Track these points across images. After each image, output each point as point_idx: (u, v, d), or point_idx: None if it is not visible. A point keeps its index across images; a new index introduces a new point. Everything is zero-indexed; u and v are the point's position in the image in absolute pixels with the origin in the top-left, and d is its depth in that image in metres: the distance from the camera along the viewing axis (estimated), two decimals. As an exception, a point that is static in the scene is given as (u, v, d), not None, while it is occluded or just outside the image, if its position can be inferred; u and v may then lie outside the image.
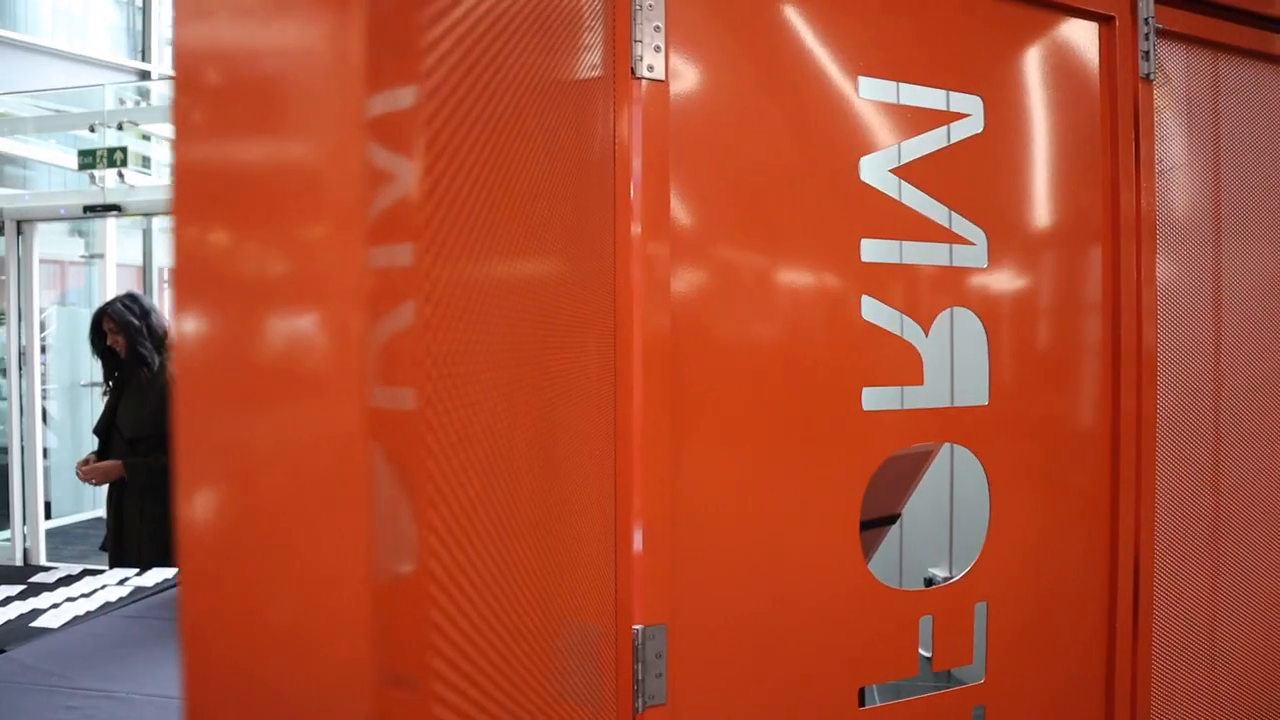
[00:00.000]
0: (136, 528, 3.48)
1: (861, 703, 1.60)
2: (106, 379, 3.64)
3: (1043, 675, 1.73)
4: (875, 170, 1.54)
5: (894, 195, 1.56)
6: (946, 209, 1.60)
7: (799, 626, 1.51)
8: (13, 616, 2.72)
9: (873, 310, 1.54)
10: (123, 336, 3.46)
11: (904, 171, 1.57)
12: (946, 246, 1.62)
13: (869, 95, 1.54)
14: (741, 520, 1.46)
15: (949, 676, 1.82)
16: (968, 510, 3.50)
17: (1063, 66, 1.73)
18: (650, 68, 1.35)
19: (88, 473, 3.46)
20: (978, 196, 1.65)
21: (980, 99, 1.64)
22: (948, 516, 3.72)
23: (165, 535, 3.43)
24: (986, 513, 1.68)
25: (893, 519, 2.30)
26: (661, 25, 1.35)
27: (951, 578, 1.77)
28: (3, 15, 9.40)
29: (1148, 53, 1.73)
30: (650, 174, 1.36)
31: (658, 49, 1.35)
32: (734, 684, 1.47)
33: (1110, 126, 1.73)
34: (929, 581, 3.54)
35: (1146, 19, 1.73)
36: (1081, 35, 1.74)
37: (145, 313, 3.51)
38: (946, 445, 2.20)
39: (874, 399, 1.54)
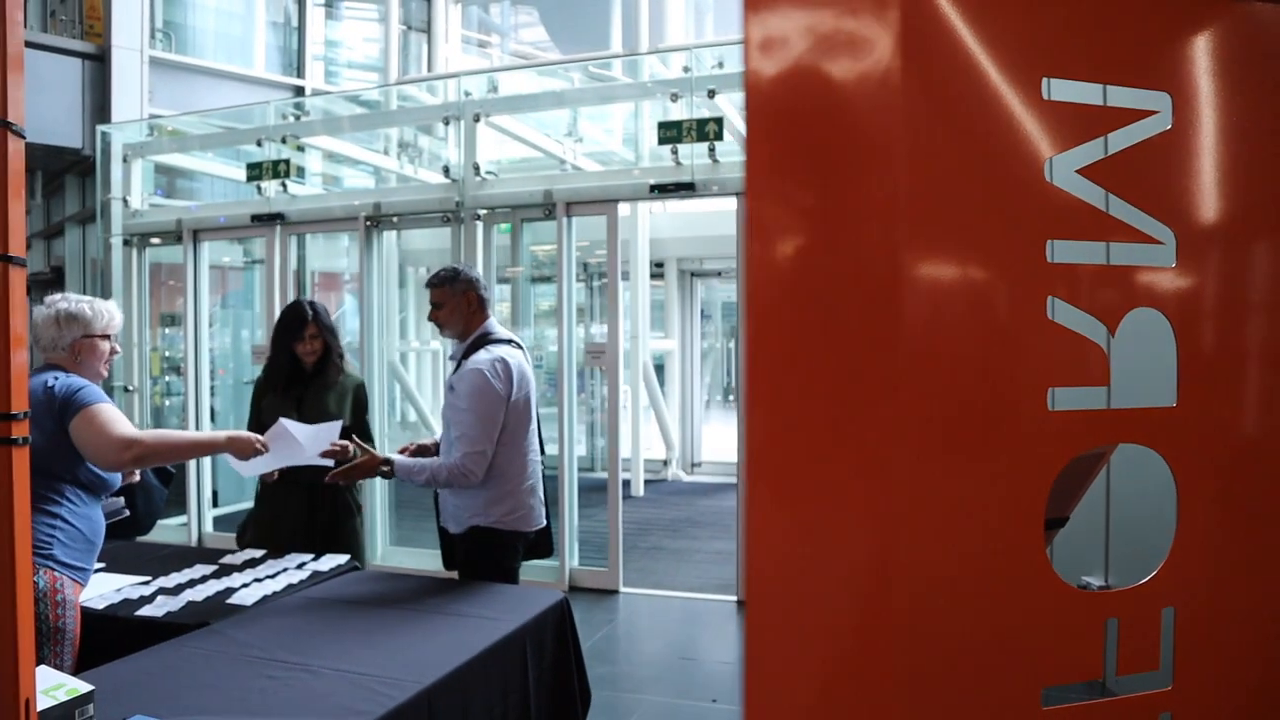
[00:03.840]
0: (294, 521, 3.70)
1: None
2: (273, 379, 3.70)
3: (1232, 684, 1.68)
4: (1061, 171, 1.54)
5: (1080, 195, 1.55)
6: (1133, 208, 1.58)
7: (984, 623, 1.52)
8: (211, 594, 2.97)
9: (1059, 311, 1.53)
10: (324, 339, 3.66)
11: (1089, 171, 1.56)
12: (1133, 246, 1.60)
13: (1054, 96, 1.54)
14: (933, 517, 1.49)
15: (1102, 687, 1.78)
16: (1127, 515, 3.38)
17: (1253, 57, 1.67)
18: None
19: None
20: (1165, 195, 1.61)
21: (1168, 95, 1.61)
22: (1103, 522, 3.60)
23: (291, 535, 3.66)
24: (1149, 517, 1.64)
25: (1062, 522, 2.26)
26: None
27: (1108, 586, 1.74)
28: (175, 41, 10.16)
29: (1353, 39, 1.66)
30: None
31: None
32: (918, 678, 1.50)
33: (1310, 118, 1.67)
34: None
35: (1354, 2, 1.65)
36: (1273, 22, 1.68)
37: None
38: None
39: (1061, 399, 1.53)
